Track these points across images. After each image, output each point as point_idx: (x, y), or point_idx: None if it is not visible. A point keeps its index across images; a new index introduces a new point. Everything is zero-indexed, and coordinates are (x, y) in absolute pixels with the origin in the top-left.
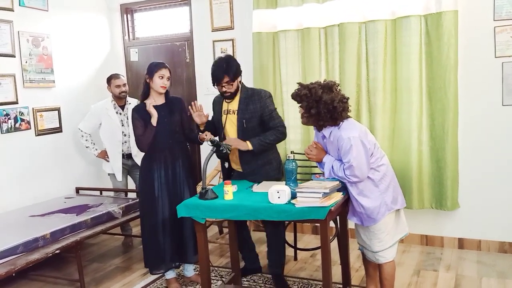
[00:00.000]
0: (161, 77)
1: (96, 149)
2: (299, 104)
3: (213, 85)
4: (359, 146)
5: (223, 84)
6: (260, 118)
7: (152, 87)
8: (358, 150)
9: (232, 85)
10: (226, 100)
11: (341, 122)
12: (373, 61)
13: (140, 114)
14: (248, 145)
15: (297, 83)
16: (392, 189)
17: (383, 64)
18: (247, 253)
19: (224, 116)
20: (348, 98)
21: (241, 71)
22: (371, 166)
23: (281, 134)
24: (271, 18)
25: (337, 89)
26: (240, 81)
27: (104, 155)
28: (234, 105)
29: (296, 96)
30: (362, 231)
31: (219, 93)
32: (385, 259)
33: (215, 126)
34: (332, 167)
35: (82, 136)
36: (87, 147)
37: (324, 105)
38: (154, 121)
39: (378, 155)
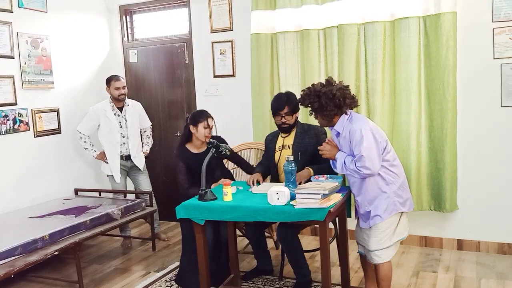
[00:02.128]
0: (205, 127)
1: (95, 151)
2: (308, 108)
3: (273, 116)
4: (370, 138)
5: (283, 115)
6: (314, 153)
7: (195, 135)
8: (369, 141)
9: (291, 117)
10: (282, 135)
11: (349, 111)
12: (372, 63)
13: (185, 161)
14: (310, 172)
15: (302, 90)
16: (403, 191)
17: (382, 65)
18: (260, 254)
19: (278, 153)
20: (348, 86)
21: (299, 108)
22: (384, 164)
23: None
24: (270, 19)
25: (336, 82)
26: (297, 117)
27: (102, 156)
28: (290, 140)
29: (300, 99)
30: (364, 229)
31: (272, 130)
32: (381, 259)
33: (267, 165)
34: (345, 162)
35: (81, 138)
36: (85, 148)
37: (324, 96)
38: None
39: (393, 155)
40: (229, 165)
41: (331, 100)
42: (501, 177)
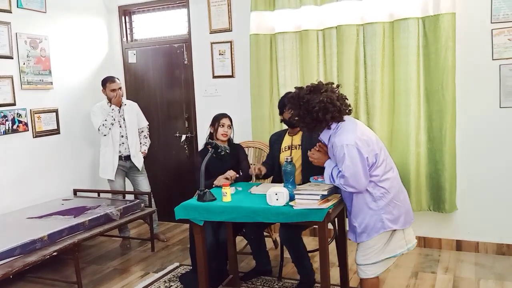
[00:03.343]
0: (222, 126)
1: (113, 110)
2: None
3: (282, 116)
4: (354, 154)
5: None
6: None
7: (215, 135)
8: (352, 159)
9: None
10: (290, 133)
11: (334, 125)
12: (371, 63)
13: (207, 167)
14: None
15: (295, 87)
16: (394, 207)
17: (381, 66)
18: (259, 254)
19: (284, 153)
20: (337, 98)
21: None
22: (372, 179)
23: None
24: (269, 20)
25: (326, 89)
26: None
27: (118, 98)
28: (297, 140)
29: (286, 100)
30: None
31: (271, 131)
32: (365, 275)
33: (272, 165)
34: (332, 174)
35: (104, 125)
36: (113, 118)
37: (304, 107)
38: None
39: (383, 169)
40: None
41: (309, 112)
42: (500, 178)
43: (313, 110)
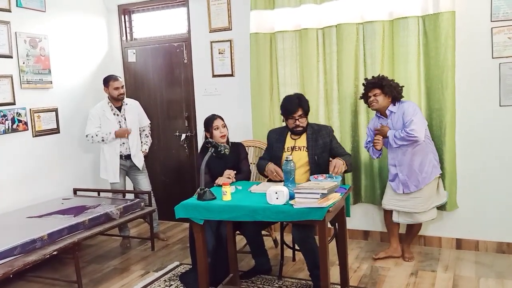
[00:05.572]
0: (216, 128)
1: (110, 133)
2: (376, 88)
3: (285, 120)
4: (419, 111)
5: (297, 117)
6: (332, 151)
7: (214, 138)
8: (418, 113)
9: (305, 119)
10: (293, 137)
11: (401, 100)
12: (370, 62)
13: (209, 166)
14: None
15: (365, 78)
16: (436, 156)
17: (380, 65)
18: (258, 253)
19: (287, 153)
20: (402, 86)
21: (309, 109)
22: (427, 134)
23: (351, 159)
24: (268, 19)
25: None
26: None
27: (123, 131)
28: (301, 141)
29: (376, 79)
30: (409, 195)
31: (281, 127)
32: (419, 220)
33: (270, 161)
34: (394, 134)
35: (92, 137)
36: (102, 140)
37: (394, 87)
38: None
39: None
40: None
41: (397, 91)
42: (500, 176)
43: (398, 90)
